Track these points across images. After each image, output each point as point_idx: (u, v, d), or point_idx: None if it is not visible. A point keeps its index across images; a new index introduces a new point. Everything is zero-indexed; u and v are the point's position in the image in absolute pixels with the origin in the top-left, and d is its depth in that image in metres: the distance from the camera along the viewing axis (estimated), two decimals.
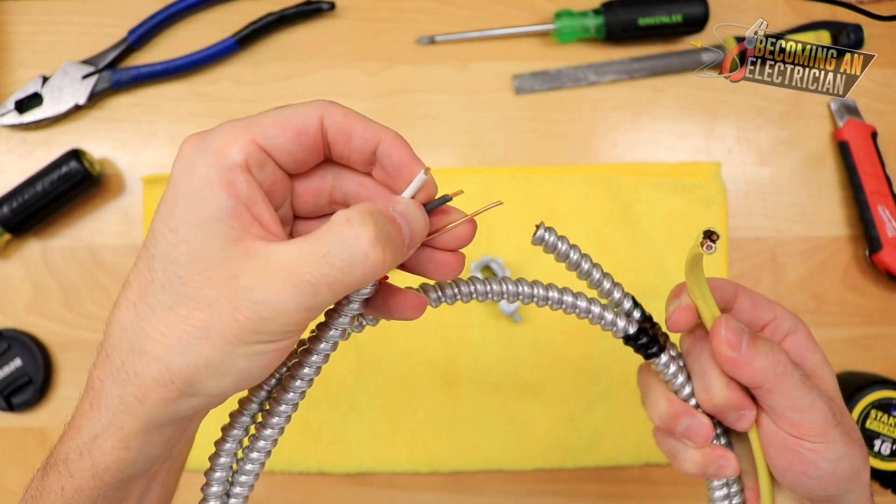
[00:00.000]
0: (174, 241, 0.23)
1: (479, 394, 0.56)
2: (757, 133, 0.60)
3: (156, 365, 0.23)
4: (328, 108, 0.24)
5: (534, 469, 0.57)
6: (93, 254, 0.57)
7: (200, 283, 0.22)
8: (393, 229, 0.23)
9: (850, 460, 0.29)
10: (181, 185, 0.23)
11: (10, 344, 0.55)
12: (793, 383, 0.28)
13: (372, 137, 0.25)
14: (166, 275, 0.23)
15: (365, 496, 0.57)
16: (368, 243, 0.22)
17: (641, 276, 0.57)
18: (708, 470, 0.31)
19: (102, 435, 0.24)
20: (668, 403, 0.31)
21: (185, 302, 0.22)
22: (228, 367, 0.23)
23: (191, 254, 0.22)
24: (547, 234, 0.28)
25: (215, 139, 0.23)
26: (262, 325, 0.22)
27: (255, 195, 0.23)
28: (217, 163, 0.23)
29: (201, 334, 0.22)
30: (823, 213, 0.59)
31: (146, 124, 0.58)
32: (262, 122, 0.24)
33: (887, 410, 0.54)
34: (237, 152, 0.23)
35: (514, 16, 0.59)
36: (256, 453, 0.29)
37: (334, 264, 0.22)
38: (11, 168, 0.58)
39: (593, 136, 0.59)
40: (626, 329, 0.30)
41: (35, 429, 0.57)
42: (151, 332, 0.23)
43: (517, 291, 0.29)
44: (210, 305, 0.22)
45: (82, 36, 0.58)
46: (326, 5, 0.57)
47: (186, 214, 0.23)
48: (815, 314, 0.59)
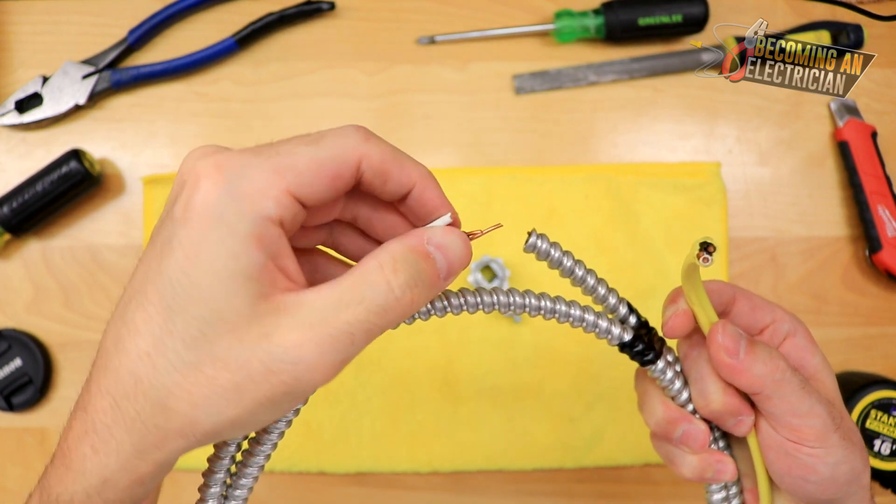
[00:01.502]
0: (197, 296, 0.21)
1: (479, 394, 0.56)
2: (757, 133, 0.60)
3: (180, 420, 0.22)
4: (367, 151, 0.23)
5: (534, 469, 0.57)
6: (93, 254, 0.57)
7: (230, 343, 0.21)
8: (426, 267, 0.23)
9: (849, 464, 0.29)
10: (206, 234, 0.21)
11: (10, 344, 0.55)
12: (791, 389, 0.28)
13: (408, 182, 0.24)
14: (188, 330, 0.21)
15: (365, 496, 0.57)
16: (400, 288, 0.22)
17: (641, 276, 0.57)
18: (705, 475, 0.31)
19: (113, 478, 0.23)
20: (665, 409, 0.31)
21: (214, 362, 0.21)
22: (254, 423, 0.22)
23: (218, 312, 0.21)
24: (539, 241, 0.28)
25: (248, 185, 0.21)
26: (297, 386, 0.21)
27: (283, 248, 0.22)
28: (249, 215, 0.21)
29: (231, 396, 0.21)
30: (823, 213, 0.59)
31: (146, 124, 0.58)
32: (296, 165, 0.22)
33: (887, 410, 0.54)
34: (272, 206, 0.21)
35: (514, 16, 0.59)
36: (256, 457, 0.29)
37: (371, 310, 0.22)
38: (11, 168, 0.58)
39: (593, 136, 0.59)
40: (622, 336, 0.29)
41: (35, 429, 0.57)
42: (174, 390, 0.21)
43: (509, 302, 0.28)
44: (241, 367, 0.21)
45: (82, 36, 0.58)
46: (326, 5, 0.57)
47: (210, 268, 0.21)
48: (814, 314, 0.59)
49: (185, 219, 0.21)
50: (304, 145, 0.22)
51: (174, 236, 0.21)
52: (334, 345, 0.21)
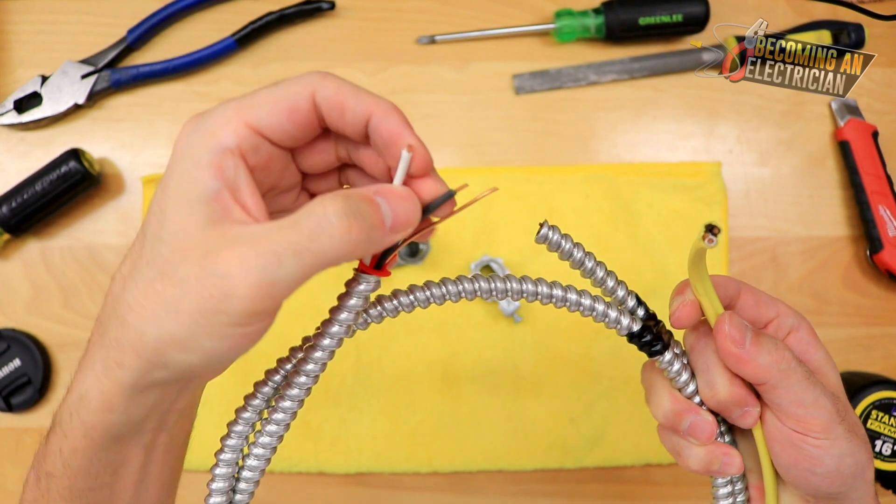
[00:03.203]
0: (161, 219, 0.23)
1: (479, 394, 0.56)
2: (757, 133, 0.60)
3: (132, 334, 0.23)
4: (320, 83, 0.24)
5: (534, 469, 0.56)
6: (92, 254, 0.57)
7: (177, 261, 0.23)
8: (368, 208, 0.23)
9: (854, 457, 0.29)
10: (174, 166, 0.24)
11: (9, 344, 0.55)
12: (796, 379, 0.28)
13: (363, 112, 0.25)
14: (152, 251, 0.23)
15: (365, 496, 0.57)
16: (335, 214, 0.22)
17: (642, 276, 0.57)
18: (712, 467, 0.31)
19: (87, 395, 0.25)
20: (672, 401, 0.31)
21: (162, 277, 0.23)
22: (194, 345, 0.23)
23: (173, 233, 0.23)
24: (550, 233, 0.28)
25: (210, 121, 0.24)
26: (225, 303, 0.22)
27: (242, 179, 0.24)
28: (209, 145, 0.23)
29: (171, 309, 0.22)
30: (824, 213, 0.59)
31: (146, 124, 0.58)
32: (254, 101, 0.24)
33: (888, 411, 0.54)
34: (230, 136, 0.23)
35: (514, 16, 0.59)
36: (261, 449, 0.29)
37: (302, 232, 0.22)
38: (10, 168, 0.58)
39: (593, 136, 0.59)
40: (630, 326, 0.30)
41: (34, 429, 0.57)
42: (132, 303, 0.23)
43: (521, 289, 0.29)
44: (182, 281, 0.22)
45: (81, 35, 0.58)
46: (326, 5, 0.57)
47: (174, 194, 0.23)
48: (815, 314, 0.59)
49: (168, 162, 0.24)
50: (266, 88, 0.24)
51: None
52: (260, 262, 0.21)
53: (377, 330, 0.56)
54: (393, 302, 0.29)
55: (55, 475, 0.27)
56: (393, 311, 0.29)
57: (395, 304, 0.29)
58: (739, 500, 0.32)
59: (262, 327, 0.23)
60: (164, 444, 0.29)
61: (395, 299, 0.29)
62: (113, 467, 0.27)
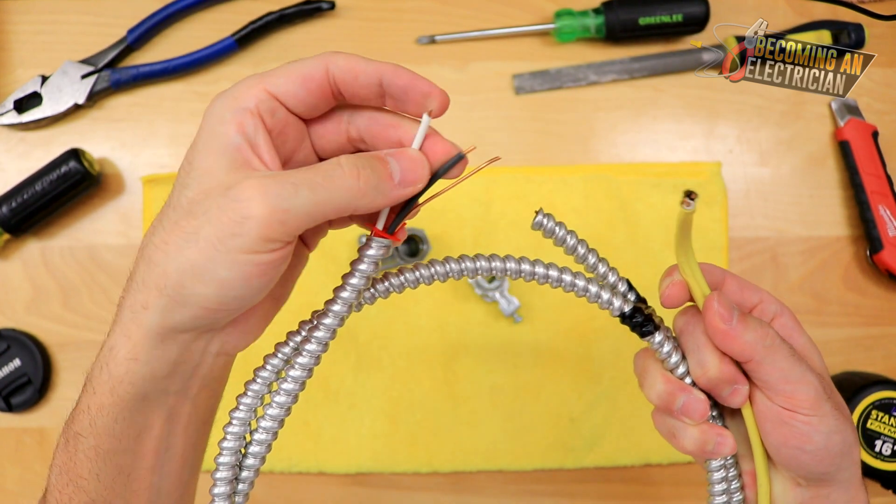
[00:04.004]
0: (188, 170, 0.26)
1: (479, 394, 0.56)
2: (757, 133, 0.60)
3: (157, 270, 0.25)
4: (332, 56, 0.27)
5: (534, 469, 0.56)
6: (92, 254, 0.57)
7: (201, 199, 0.25)
8: (378, 163, 0.26)
9: (841, 435, 0.30)
10: (203, 125, 0.26)
11: (9, 344, 0.55)
12: (782, 355, 0.30)
13: (374, 72, 0.27)
14: (178, 198, 0.26)
15: (365, 496, 0.57)
16: (347, 162, 0.26)
17: (641, 276, 0.56)
18: (706, 447, 0.31)
19: (116, 346, 0.27)
20: (665, 381, 0.32)
21: (187, 215, 0.25)
22: (211, 274, 0.24)
23: (198, 178, 0.25)
24: (545, 220, 0.30)
25: (235, 89, 0.27)
26: (242, 226, 0.24)
27: (260, 136, 0.26)
28: (232, 106, 0.26)
29: (191, 238, 0.24)
30: (824, 213, 0.59)
31: (146, 124, 0.58)
32: (273, 73, 0.27)
33: (888, 411, 0.53)
34: (249, 99, 0.26)
35: (514, 16, 0.59)
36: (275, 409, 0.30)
37: (318, 171, 0.25)
38: (10, 168, 0.58)
39: (593, 136, 0.59)
40: (622, 307, 0.31)
41: (34, 429, 0.57)
42: (159, 244, 0.25)
43: (519, 269, 0.30)
44: (203, 213, 0.24)
45: (81, 35, 0.58)
46: (326, 5, 0.57)
47: (201, 148, 0.26)
48: (815, 314, 0.59)
49: (200, 125, 0.27)
50: (284, 64, 0.28)
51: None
52: (277, 189, 0.24)
53: (377, 330, 0.56)
54: (399, 278, 0.30)
55: (82, 435, 0.28)
56: (399, 286, 0.30)
57: (401, 279, 0.30)
58: (734, 486, 0.33)
59: (274, 261, 0.25)
60: (187, 414, 0.30)
61: (401, 275, 0.30)
62: (136, 431, 0.28)
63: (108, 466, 0.28)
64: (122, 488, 0.28)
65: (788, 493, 0.32)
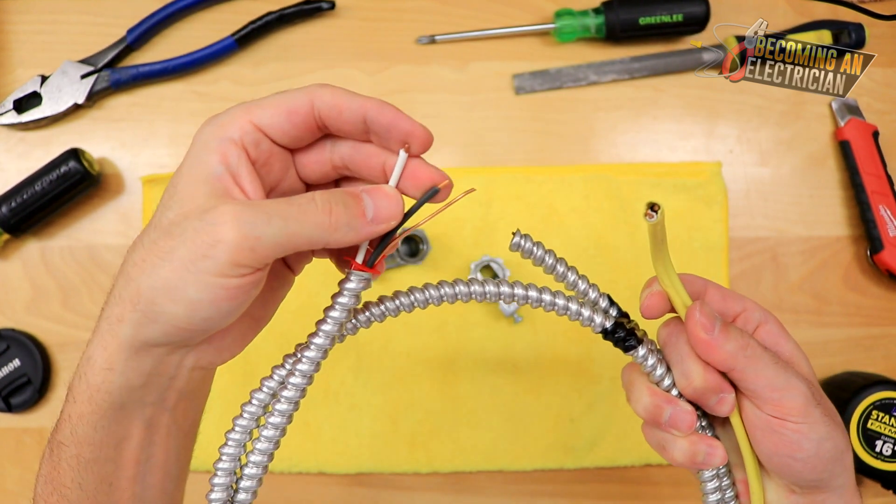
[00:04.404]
0: (172, 192, 0.27)
1: (479, 394, 0.56)
2: (758, 133, 0.60)
3: (132, 286, 0.26)
4: (318, 90, 0.28)
5: (534, 469, 0.56)
6: (92, 254, 0.57)
7: (180, 220, 0.26)
8: (351, 200, 0.27)
9: (832, 441, 0.30)
10: (190, 151, 0.27)
11: (8, 344, 0.55)
12: (764, 364, 0.30)
13: (359, 108, 0.28)
14: (159, 218, 0.27)
15: (365, 496, 0.57)
16: (321, 198, 0.26)
17: (641, 276, 0.56)
18: (697, 458, 0.31)
19: (93, 356, 0.27)
20: (651, 394, 0.32)
21: (165, 236, 0.26)
22: (182, 293, 0.25)
23: (180, 202, 0.26)
24: (523, 241, 0.30)
25: (222, 118, 0.28)
26: (213, 249, 0.24)
27: (243, 167, 0.27)
28: (217, 135, 0.27)
29: (166, 257, 0.25)
30: (824, 213, 0.59)
31: (145, 124, 0.58)
32: (260, 104, 0.28)
33: (888, 411, 0.53)
34: (235, 129, 0.27)
35: (514, 15, 0.59)
36: (263, 444, 0.30)
37: (292, 204, 0.26)
38: (10, 168, 0.58)
39: (593, 136, 0.59)
40: (603, 323, 0.31)
41: (34, 429, 0.57)
42: (138, 262, 0.26)
43: (499, 292, 0.30)
44: (180, 234, 0.25)
45: (81, 35, 0.58)
46: (326, 5, 0.57)
47: (185, 172, 0.27)
48: (815, 314, 0.59)
49: (188, 149, 0.28)
50: (272, 95, 0.28)
51: None
52: (250, 216, 0.25)
53: (377, 330, 0.56)
54: (380, 307, 0.31)
55: (64, 444, 0.28)
56: (380, 315, 0.31)
57: (382, 308, 0.31)
58: (728, 495, 0.33)
59: (243, 286, 0.25)
60: (166, 425, 0.30)
61: (382, 304, 0.30)
62: (116, 440, 0.28)
63: (90, 475, 0.28)
64: (104, 497, 0.29)
65: (783, 500, 0.32)
